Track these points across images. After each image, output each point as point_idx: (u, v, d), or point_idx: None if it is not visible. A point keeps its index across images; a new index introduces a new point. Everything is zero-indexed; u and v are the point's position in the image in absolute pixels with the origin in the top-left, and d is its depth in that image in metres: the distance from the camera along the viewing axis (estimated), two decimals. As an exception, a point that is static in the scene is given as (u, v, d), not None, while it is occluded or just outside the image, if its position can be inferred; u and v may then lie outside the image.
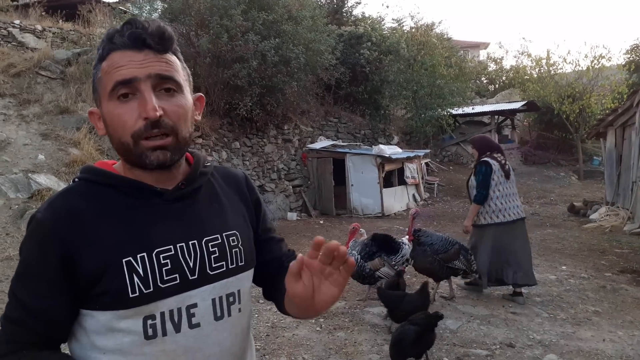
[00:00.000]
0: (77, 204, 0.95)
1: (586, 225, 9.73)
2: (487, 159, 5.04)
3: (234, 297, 1.05)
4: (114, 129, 0.95)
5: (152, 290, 0.93)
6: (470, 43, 31.95)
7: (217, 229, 1.05)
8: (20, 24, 11.12)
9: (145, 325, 0.93)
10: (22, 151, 7.35)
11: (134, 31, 0.93)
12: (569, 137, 19.09)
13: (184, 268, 0.97)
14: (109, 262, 0.91)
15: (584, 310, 4.84)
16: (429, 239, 5.01)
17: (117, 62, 0.92)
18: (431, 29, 19.43)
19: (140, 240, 0.94)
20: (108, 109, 0.95)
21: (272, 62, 10.36)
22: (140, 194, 0.98)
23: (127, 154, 0.96)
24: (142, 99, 0.92)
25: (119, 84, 0.92)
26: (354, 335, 4.22)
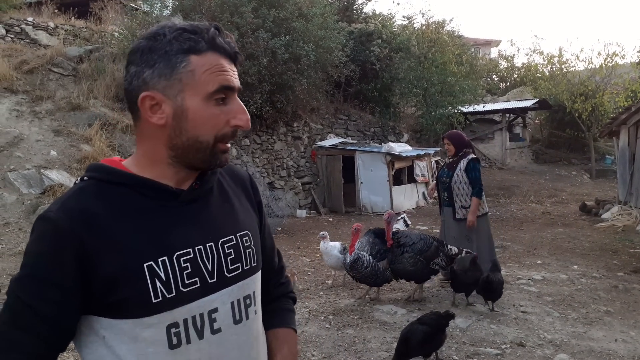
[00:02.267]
0: (91, 204, 0.91)
1: (598, 225, 9.64)
2: (473, 155, 5.41)
3: (250, 299, 1.05)
4: (195, 126, 0.93)
5: (174, 295, 0.91)
6: (481, 40, 31.72)
7: (231, 229, 1.04)
8: (33, 21, 11.23)
9: (169, 334, 0.91)
10: (35, 147, 7.42)
11: (232, 43, 0.97)
12: (581, 135, 18.89)
13: (203, 271, 0.96)
14: (130, 266, 0.89)
15: (596, 310, 4.80)
16: (409, 239, 4.90)
17: (220, 65, 0.94)
18: (442, 26, 19.27)
19: (161, 243, 0.92)
20: (199, 106, 0.93)
21: (282, 59, 10.36)
22: (156, 194, 0.96)
23: (197, 152, 0.95)
24: (240, 108, 0.96)
25: (224, 88, 0.94)
26: (363, 332, 4.22)
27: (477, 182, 5.22)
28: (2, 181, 6.49)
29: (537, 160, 19.83)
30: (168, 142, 0.95)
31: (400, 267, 4.85)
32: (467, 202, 5.24)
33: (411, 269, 4.81)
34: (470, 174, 5.23)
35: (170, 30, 0.94)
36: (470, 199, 5.23)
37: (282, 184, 11.97)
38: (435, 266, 4.88)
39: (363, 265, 4.81)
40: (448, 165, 5.48)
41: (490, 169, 17.90)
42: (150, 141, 0.97)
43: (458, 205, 5.30)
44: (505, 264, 6.67)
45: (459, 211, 5.31)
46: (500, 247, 7.89)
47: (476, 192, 5.20)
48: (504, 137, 18.75)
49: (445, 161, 5.64)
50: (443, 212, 5.57)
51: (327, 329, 4.33)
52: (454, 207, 5.34)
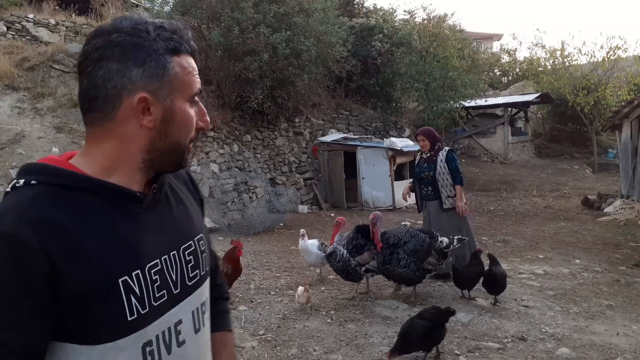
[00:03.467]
0: (52, 213, 0.79)
1: (600, 219, 9.63)
2: (447, 147, 5.61)
3: (204, 305, 1.01)
4: (180, 129, 0.90)
5: (148, 311, 0.85)
6: (483, 34, 31.59)
7: (189, 234, 0.99)
8: (34, 18, 11.22)
9: (144, 353, 0.85)
10: (37, 144, 7.44)
11: (192, 43, 0.93)
12: (583, 129, 18.85)
13: (169, 282, 0.91)
14: (103, 282, 0.80)
15: (598, 304, 4.80)
16: (399, 238, 4.71)
17: (193, 67, 0.92)
18: (444, 20, 19.22)
19: (132, 255, 0.85)
20: (184, 109, 0.90)
21: (283, 54, 10.34)
22: (121, 200, 0.87)
23: (174, 155, 0.92)
24: (202, 109, 0.94)
25: (200, 91, 0.93)
26: (364, 327, 4.23)
27: (457, 171, 5.43)
28: (5, 178, 6.51)
29: (539, 154, 19.79)
30: (148, 146, 0.88)
31: (390, 270, 4.67)
32: (452, 191, 5.40)
33: (402, 271, 4.60)
34: (450, 164, 5.42)
35: (153, 27, 0.87)
36: (454, 188, 5.39)
37: (283, 179, 11.97)
38: (428, 265, 4.77)
39: (336, 259, 4.79)
40: (426, 160, 5.55)
41: (492, 164, 17.88)
42: (119, 143, 0.87)
43: (445, 195, 5.41)
44: (507, 258, 6.68)
45: (446, 201, 5.41)
46: (502, 242, 7.89)
47: (459, 180, 5.40)
48: (506, 132, 18.72)
49: (422, 157, 5.66)
50: (426, 207, 5.61)
51: (329, 323, 4.34)
52: (440, 199, 5.43)
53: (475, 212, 10.64)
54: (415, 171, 5.74)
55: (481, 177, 15.75)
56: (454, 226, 5.33)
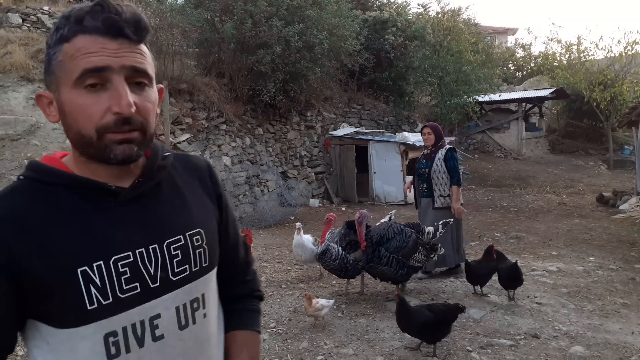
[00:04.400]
0: (21, 207, 0.85)
1: (615, 216, 9.49)
2: (449, 145, 5.50)
3: (198, 302, 0.98)
4: (74, 120, 0.86)
5: (111, 301, 0.85)
6: (497, 29, 31.23)
7: (179, 228, 0.96)
8: (49, 10, 11.30)
9: (107, 343, 0.86)
10: (51, 135, 7.51)
11: (110, 17, 0.84)
12: (599, 125, 18.59)
13: (145, 276, 0.90)
14: (62, 271, 0.83)
15: (612, 302, 4.74)
16: (382, 236, 4.53)
17: (86, 48, 0.83)
18: (458, 14, 19.03)
19: (96, 247, 0.86)
20: (70, 98, 0.85)
21: (296, 47, 10.31)
22: (93, 194, 0.89)
23: (87, 147, 0.87)
24: (116, 92, 0.84)
25: (88, 72, 0.83)
26: (375, 322, 4.22)
27: (455, 170, 5.31)
28: (20, 169, 6.58)
29: (553, 150, 19.57)
30: (69, 139, 0.90)
31: (373, 268, 4.53)
32: (446, 191, 5.31)
33: (384, 269, 4.45)
34: (448, 163, 5.31)
35: (63, 18, 0.87)
36: (449, 189, 5.30)
37: (295, 173, 11.97)
38: (415, 263, 4.61)
39: (331, 258, 4.57)
40: (425, 156, 5.49)
41: (505, 159, 17.72)
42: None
43: (437, 194, 5.34)
44: (520, 255, 6.62)
45: (437, 200, 5.34)
46: (515, 238, 7.83)
47: (456, 180, 5.28)
48: (520, 127, 18.52)
49: (423, 152, 5.60)
50: (421, 202, 5.54)
51: (340, 317, 4.34)
52: (432, 197, 5.36)
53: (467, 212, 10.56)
54: (416, 166, 5.66)
55: (494, 172, 15.61)
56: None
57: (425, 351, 3.62)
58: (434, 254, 4.82)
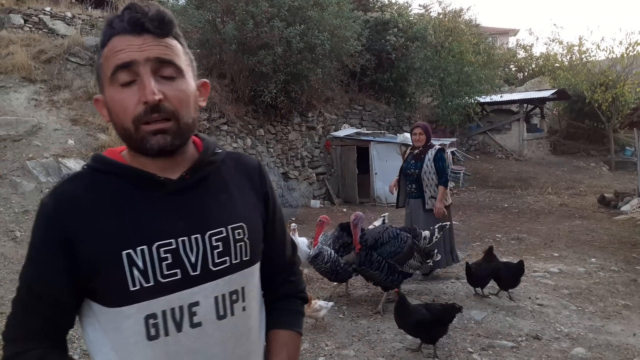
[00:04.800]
0: (79, 192, 0.94)
1: (617, 217, 9.47)
2: (438, 146, 5.48)
3: (237, 295, 1.01)
4: (116, 115, 0.93)
5: (152, 284, 0.91)
6: (499, 30, 31.20)
7: (222, 221, 1.01)
8: (50, 11, 11.32)
9: (148, 324, 0.92)
10: (53, 136, 7.51)
11: (133, 15, 0.91)
12: (600, 126, 18.56)
13: (185, 263, 0.94)
14: (108, 252, 0.90)
15: (614, 304, 4.73)
16: (376, 240, 4.42)
17: (116, 47, 0.91)
18: (459, 15, 19.01)
19: (141, 232, 0.92)
20: (110, 95, 0.93)
21: (297, 48, 10.31)
22: (143, 183, 0.96)
23: (129, 139, 0.94)
24: (141, 83, 0.90)
25: (118, 68, 0.90)
26: (377, 323, 4.21)
27: (444, 171, 5.30)
28: (21, 169, 6.58)
29: (554, 151, 19.54)
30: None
31: (365, 271, 4.44)
32: (436, 192, 5.29)
33: (374, 273, 4.35)
34: (437, 163, 5.29)
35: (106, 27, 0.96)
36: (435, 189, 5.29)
37: (296, 174, 11.97)
38: (409, 269, 4.50)
39: (323, 260, 4.50)
40: (414, 157, 5.42)
41: (506, 160, 17.70)
42: None
43: (428, 195, 5.32)
44: (522, 256, 6.60)
45: (428, 201, 5.32)
46: (516, 239, 7.81)
47: (443, 181, 5.27)
48: (522, 128, 18.50)
49: (411, 153, 5.52)
50: (409, 204, 5.51)
51: (341, 319, 4.33)
52: (423, 198, 5.33)
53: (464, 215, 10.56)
54: (402, 166, 5.57)
55: (495, 173, 15.60)
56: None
57: (427, 352, 3.62)
58: (430, 260, 4.74)
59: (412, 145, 5.57)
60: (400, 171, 5.61)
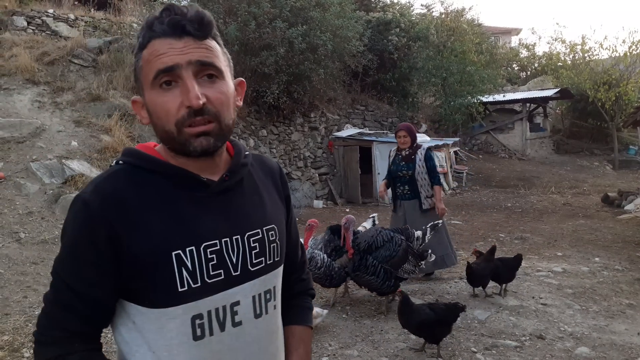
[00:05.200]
0: (124, 189, 0.92)
1: (621, 217, 9.45)
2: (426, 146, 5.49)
3: (270, 293, 1.04)
4: (158, 118, 0.93)
5: (199, 285, 0.92)
6: (501, 29, 31.16)
7: (258, 223, 1.03)
8: (53, 13, 11.37)
9: (194, 325, 0.92)
10: (56, 138, 7.53)
11: (173, 17, 0.90)
12: (604, 125, 18.51)
13: (228, 264, 0.96)
14: (158, 252, 0.90)
15: (618, 303, 4.71)
16: (370, 244, 4.27)
17: (157, 50, 0.90)
18: (461, 14, 18.99)
19: (189, 233, 0.93)
20: (151, 98, 0.93)
21: (300, 49, 10.31)
22: (187, 183, 0.96)
23: (171, 142, 0.93)
24: (185, 86, 0.90)
25: (161, 72, 0.90)
26: (380, 323, 4.21)
27: (435, 170, 5.31)
28: (25, 171, 6.60)
29: (558, 150, 19.50)
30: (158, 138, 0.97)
31: (359, 277, 4.28)
32: (430, 191, 5.28)
33: (370, 278, 4.19)
34: (428, 163, 5.27)
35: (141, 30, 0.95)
36: (431, 189, 5.28)
37: (299, 174, 11.97)
38: (403, 274, 4.35)
39: (317, 266, 4.25)
40: (404, 158, 5.32)
41: (510, 160, 17.67)
42: None
43: (424, 196, 5.27)
44: (525, 255, 6.58)
45: (424, 202, 5.27)
46: (519, 239, 7.80)
47: (437, 180, 5.30)
48: (524, 127, 18.46)
49: (398, 155, 5.40)
50: (401, 206, 5.39)
51: (344, 319, 4.33)
52: (419, 199, 5.27)
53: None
54: (391, 169, 5.45)
55: (499, 173, 15.57)
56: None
57: (430, 352, 3.62)
58: (423, 262, 4.60)
59: (398, 147, 5.46)
60: (389, 174, 5.51)
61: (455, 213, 10.45)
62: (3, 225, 5.58)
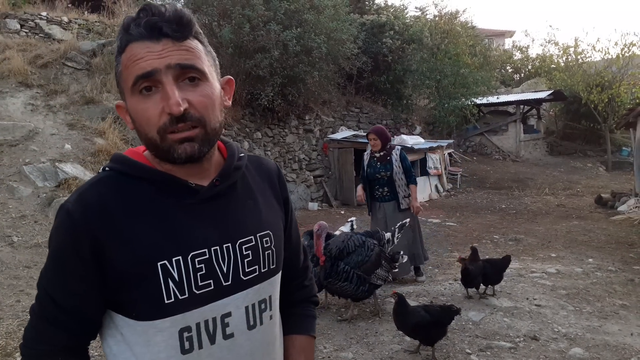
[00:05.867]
0: (108, 197, 0.88)
1: (614, 217, 9.50)
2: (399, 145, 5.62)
3: (265, 303, 1.00)
4: (140, 124, 0.89)
5: (187, 297, 0.88)
6: (495, 31, 31.33)
7: (251, 229, 0.98)
8: (47, 15, 11.32)
9: (182, 338, 0.89)
10: (50, 141, 7.50)
11: (150, 19, 0.85)
12: (597, 127, 18.62)
13: (218, 273, 0.92)
14: (143, 263, 0.86)
15: (611, 304, 4.74)
16: (341, 250, 4.15)
17: (135, 55, 0.86)
18: (455, 17, 19.07)
19: (175, 242, 0.89)
20: (132, 104, 0.89)
21: (294, 51, 10.32)
22: (174, 190, 0.92)
23: (155, 148, 0.90)
24: (165, 92, 0.85)
25: (140, 78, 0.85)
26: (375, 325, 4.21)
27: (410, 170, 5.38)
28: (18, 174, 6.57)
29: (551, 152, 19.60)
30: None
31: (332, 284, 4.17)
32: (407, 191, 5.35)
33: (344, 285, 4.11)
34: (404, 162, 5.35)
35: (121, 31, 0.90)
36: (407, 188, 5.34)
37: (293, 177, 11.97)
38: (377, 280, 4.26)
39: None
40: (379, 159, 5.38)
41: (504, 161, 17.74)
42: None
43: (401, 196, 5.34)
44: (519, 257, 6.62)
45: (402, 201, 5.34)
46: (514, 240, 7.83)
47: (413, 179, 5.37)
48: (518, 129, 18.55)
49: (374, 157, 5.44)
50: (381, 208, 5.43)
51: (339, 321, 4.33)
52: (397, 199, 5.34)
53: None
54: (368, 172, 5.46)
55: (493, 175, 15.63)
56: (409, 226, 5.16)
57: (425, 354, 3.62)
58: (396, 264, 4.55)
59: (371, 150, 5.51)
60: (365, 177, 5.52)
61: (450, 215, 10.47)
62: (-4, 229, 5.54)
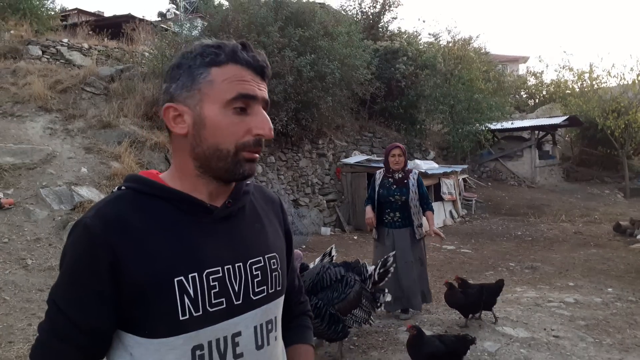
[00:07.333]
0: (126, 214, 0.91)
1: (633, 246, 9.28)
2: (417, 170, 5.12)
3: (272, 324, 1.03)
4: (213, 134, 0.93)
5: (201, 314, 0.89)
6: (509, 57, 31.42)
7: (260, 250, 1.03)
8: (68, 42, 11.65)
9: (194, 356, 0.89)
10: (67, 164, 7.61)
11: (257, 56, 0.98)
12: (614, 153, 18.39)
13: (230, 292, 0.94)
14: (160, 278, 0.87)
15: (632, 336, 4.59)
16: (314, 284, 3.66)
17: (241, 76, 0.95)
18: (468, 43, 19.22)
19: (191, 259, 0.91)
20: (216, 114, 0.93)
21: (308, 77, 10.44)
22: (190, 209, 0.95)
23: (218, 160, 0.94)
24: (261, 117, 0.95)
25: (242, 97, 0.94)
26: (387, 355, 4.12)
27: (427, 196, 4.96)
28: (35, 197, 6.66)
29: (567, 178, 19.36)
30: (191, 152, 0.95)
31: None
32: (420, 220, 4.89)
33: (315, 322, 3.43)
34: (421, 189, 4.91)
35: (197, 48, 0.97)
36: (422, 217, 4.90)
37: (306, 201, 11.96)
38: (352, 322, 3.71)
39: None
40: (396, 182, 4.87)
41: (519, 187, 17.55)
42: (179, 153, 0.98)
43: (416, 224, 4.86)
44: (536, 285, 6.48)
45: (417, 230, 4.86)
46: (530, 268, 7.68)
47: (430, 206, 4.95)
48: (533, 155, 18.40)
49: (388, 178, 4.93)
50: (389, 235, 4.89)
51: (351, 350, 4.25)
52: (412, 227, 4.85)
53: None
54: (380, 193, 4.90)
55: (508, 201, 15.45)
56: (418, 260, 4.90)
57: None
58: (379, 304, 4.05)
59: (387, 170, 4.97)
60: (376, 198, 4.96)
61: (465, 241, 10.33)
62: (10, 251, 5.60)
